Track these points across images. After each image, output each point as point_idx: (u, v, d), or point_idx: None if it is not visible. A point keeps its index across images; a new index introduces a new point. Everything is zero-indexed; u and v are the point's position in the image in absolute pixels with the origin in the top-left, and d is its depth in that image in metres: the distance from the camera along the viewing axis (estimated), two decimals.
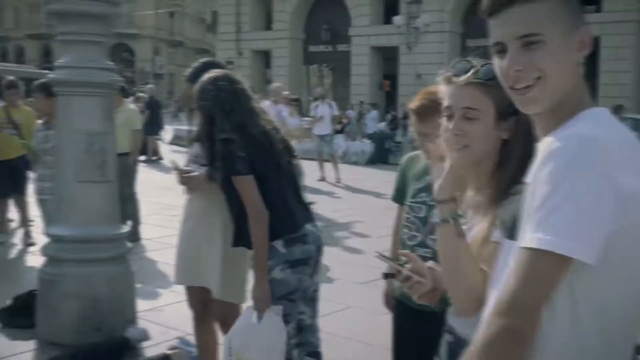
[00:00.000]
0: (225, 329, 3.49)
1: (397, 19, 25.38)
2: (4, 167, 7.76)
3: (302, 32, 34.63)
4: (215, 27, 38.64)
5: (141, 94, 21.50)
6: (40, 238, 6.49)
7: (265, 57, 36.57)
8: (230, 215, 3.27)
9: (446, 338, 1.96)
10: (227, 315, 3.52)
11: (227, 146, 3.09)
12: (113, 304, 4.73)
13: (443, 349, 1.97)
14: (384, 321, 4.39)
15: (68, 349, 4.28)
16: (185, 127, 26.92)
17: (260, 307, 3.07)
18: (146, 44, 60.52)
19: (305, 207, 3.40)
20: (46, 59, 54.03)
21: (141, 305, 5.18)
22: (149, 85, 22.08)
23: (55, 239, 4.78)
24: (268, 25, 35.68)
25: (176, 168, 3.56)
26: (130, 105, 9.21)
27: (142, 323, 5.00)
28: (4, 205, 8.23)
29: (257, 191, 3.09)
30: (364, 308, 5.37)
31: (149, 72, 57.01)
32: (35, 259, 6.19)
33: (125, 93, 8.69)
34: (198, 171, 3.50)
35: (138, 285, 5.22)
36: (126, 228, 5.16)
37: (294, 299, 3.18)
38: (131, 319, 4.90)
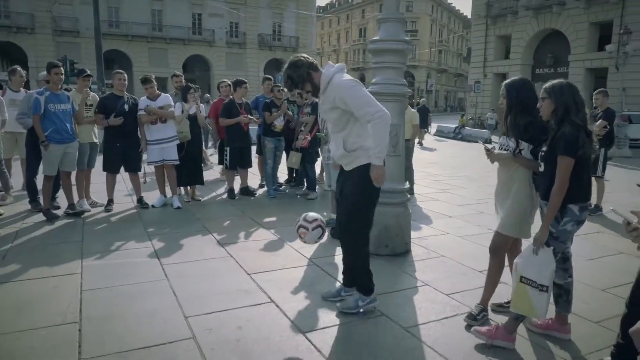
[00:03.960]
0: (497, 254, 3.30)
1: (609, 47, 21.89)
2: None
3: (531, 59, 31.61)
4: (469, 58, 36.89)
5: (419, 101, 21.67)
6: None
7: (502, 78, 34.08)
8: (543, 174, 2.92)
9: None
10: (500, 244, 3.27)
11: (575, 130, 2.72)
12: (396, 231, 4.78)
13: None
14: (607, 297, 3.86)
15: None
16: (445, 124, 26.49)
17: (536, 244, 2.84)
18: (422, 71, 60.06)
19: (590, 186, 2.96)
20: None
21: (413, 234, 5.17)
22: (422, 99, 22.16)
23: None
24: (506, 55, 33.16)
25: (486, 147, 3.28)
26: (412, 109, 9.18)
27: (413, 246, 5.03)
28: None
29: (570, 171, 2.73)
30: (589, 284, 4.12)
31: (423, 90, 56.66)
32: None
33: (409, 101, 8.79)
34: (497, 150, 3.24)
35: (412, 222, 5.19)
36: (407, 185, 5.15)
37: (566, 241, 2.93)
38: (407, 242, 4.94)
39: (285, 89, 3.53)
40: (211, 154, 11.78)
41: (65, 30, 35.93)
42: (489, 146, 3.30)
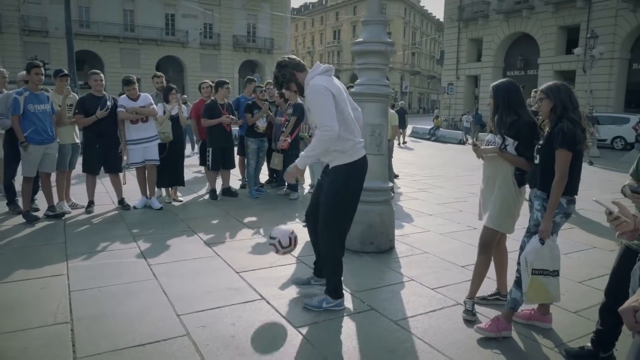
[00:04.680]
0: (486, 249, 3.39)
1: (577, 50, 22.63)
2: None
3: (502, 62, 32.41)
4: (442, 61, 37.55)
5: (397, 103, 22.02)
6: None
7: (474, 80, 34.88)
8: (539, 166, 2.99)
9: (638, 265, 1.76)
10: (489, 239, 3.38)
11: (574, 126, 2.84)
12: (381, 229, 4.87)
13: (636, 273, 1.78)
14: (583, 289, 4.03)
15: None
16: (420, 126, 26.89)
17: (543, 236, 2.93)
18: (396, 73, 60.71)
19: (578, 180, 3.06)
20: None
21: (395, 232, 5.26)
22: (401, 102, 22.66)
23: None
24: (478, 58, 33.91)
25: (473, 143, 3.43)
26: (391, 110, 9.34)
27: (396, 243, 5.14)
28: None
29: (569, 164, 2.86)
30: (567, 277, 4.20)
31: (397, 92, 57.30)
32: None
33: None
34: (484, 146, 3.34)
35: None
36: (391, 184, 5.26)
37: (554, 233, 3.02)
38: (391, 239, 5.05)
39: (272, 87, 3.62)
40: (188, 155, 11.67)
41: (34, 30, 34.99)
42: (477, 142, 3.44)
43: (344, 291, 3.73)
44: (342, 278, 3.55)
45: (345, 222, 3.46)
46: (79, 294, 3.58)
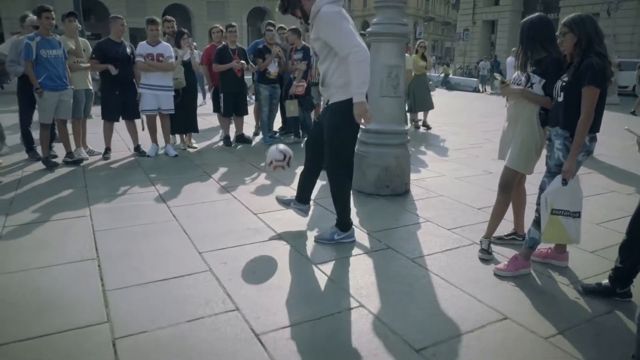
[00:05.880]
0: (506, 189, 3.37)
1: None
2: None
3: (521, 5, 31.21)
4: (458, 5, 36.27)
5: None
6: None
7: (491, 25, 33.78)
8: (563, 104, 2.88)
9: None
10: (509, 179, 3.35)
11: (602, 60, 2.72)
12: (396, 172, 4.88)
13: None
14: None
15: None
16: (433, 74, 26.28)
17: (566, 176, 2.88)
18: (409, 19, 58.80)
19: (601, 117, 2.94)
20: None
21: (411, 176, 5.27)
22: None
23: (364, 130, 4.89)
24: (496, 1, 32.68)
25: (502, 80, 3.33)
26: (406, 54, 9.14)
27: (412, 187, 5.17)
28: None
29: (596, 101, 2.74)
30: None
31: (410, 39, 55.71)
32: None
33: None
34: (513, 86, 3.24)
35: None
36: (407, 127, 5.21)
37: (576, 172, 2.97)
38: (407, 183, 5.07)
39: (278, 10, 3.50)
40: (199, 104, 11.63)
41: None
42: (506, 80, 3.34)
43: (360, 231, 3.82)
44: (350, 211, 3.65)
45: (350, 156, 3.54)
46: (104, 234, 3.69)
